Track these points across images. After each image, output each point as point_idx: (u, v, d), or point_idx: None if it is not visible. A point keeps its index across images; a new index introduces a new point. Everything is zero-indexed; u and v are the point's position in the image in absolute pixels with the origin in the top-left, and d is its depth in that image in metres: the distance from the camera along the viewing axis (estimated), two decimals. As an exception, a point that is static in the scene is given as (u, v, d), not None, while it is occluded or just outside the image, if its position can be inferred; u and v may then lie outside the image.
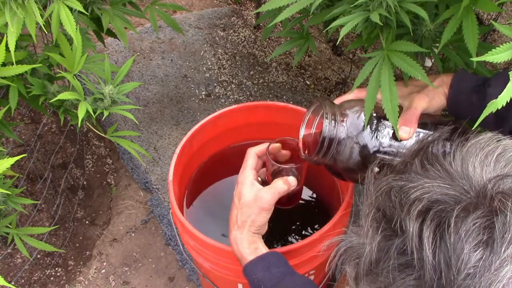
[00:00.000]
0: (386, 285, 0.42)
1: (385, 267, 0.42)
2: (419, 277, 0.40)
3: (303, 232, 1.01)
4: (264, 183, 0.85)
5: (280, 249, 0.79)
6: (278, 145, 0.86)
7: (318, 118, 0.78)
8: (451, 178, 0.42)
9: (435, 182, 0.42)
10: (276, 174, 0.84)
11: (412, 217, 0.40)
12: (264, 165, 0.86)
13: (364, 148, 0.72)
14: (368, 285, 0.44)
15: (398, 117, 0.73)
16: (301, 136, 0.81)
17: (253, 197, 0.77)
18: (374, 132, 0.73)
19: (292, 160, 0.88)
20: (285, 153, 0.88)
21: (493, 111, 0.59)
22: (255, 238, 0.77)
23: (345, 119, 0.73)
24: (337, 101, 0.80)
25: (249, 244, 0.76)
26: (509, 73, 0.58)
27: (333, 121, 0.71)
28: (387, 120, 0.73)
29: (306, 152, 0.80)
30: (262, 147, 0.84)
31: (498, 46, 0.60)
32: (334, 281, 1.03)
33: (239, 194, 0.79)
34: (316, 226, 1.01)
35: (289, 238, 1.00)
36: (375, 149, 0.73)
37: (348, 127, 0.73)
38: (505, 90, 0.58)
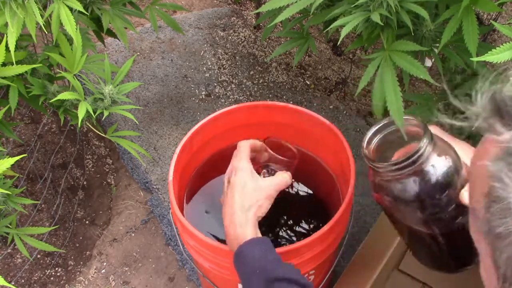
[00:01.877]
0: None
1: None
2: None
3: (303, 232, 1.01)
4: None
5: (280, 249, 0.79)
6: (260, 142, 0.89)
7: (388, 130, 0.71)
8: None
9: None
10: (266, 168, 0.88)
11: None
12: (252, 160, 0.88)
13: (424, 189, 0.64)
14: None
15: (401, 116, 0.73)
16: (373, 140, 0.72)
17: (259, 184, 0.80)
18: (445, 185, 0.64)
19: (271, 160, 0.90)
20: (266, 153, 0.90)
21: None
22: (256, 223, 0.78)
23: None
24: None
25: (253, 227, 0.77)
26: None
27: (429, 146, 0.64)
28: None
29: (371, 155, 0.71)
30: (254, 141, 0.87)
31: (498, 46, 0.60)
32: (335, 280, 1.03)
33: (241, 181, 0.80)
34: (315, 226, 1.01)
35: (288, 238, 1.00)
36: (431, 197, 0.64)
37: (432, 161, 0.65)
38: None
